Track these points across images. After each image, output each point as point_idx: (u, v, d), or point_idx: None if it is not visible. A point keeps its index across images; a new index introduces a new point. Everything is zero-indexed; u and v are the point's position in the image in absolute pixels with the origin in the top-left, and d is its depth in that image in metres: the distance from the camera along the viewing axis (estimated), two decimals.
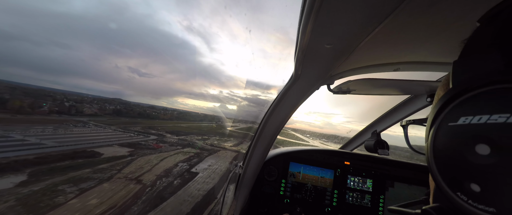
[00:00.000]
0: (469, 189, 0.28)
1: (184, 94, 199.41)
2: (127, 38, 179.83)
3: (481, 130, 0.27)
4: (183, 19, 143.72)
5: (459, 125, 0.30)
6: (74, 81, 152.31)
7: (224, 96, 58.08)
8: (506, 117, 0.25)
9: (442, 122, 0.32)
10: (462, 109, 0.30)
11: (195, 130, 30.97)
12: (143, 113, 34.91)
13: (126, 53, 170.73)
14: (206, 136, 28.13)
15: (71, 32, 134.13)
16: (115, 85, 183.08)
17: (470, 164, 0.28)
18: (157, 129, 26.34)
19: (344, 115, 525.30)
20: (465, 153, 0.29)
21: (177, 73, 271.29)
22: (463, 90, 0.30)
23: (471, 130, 0.28)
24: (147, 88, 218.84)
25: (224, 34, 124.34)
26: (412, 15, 0.51)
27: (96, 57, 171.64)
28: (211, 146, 23.19)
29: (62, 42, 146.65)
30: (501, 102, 0.26)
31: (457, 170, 0.30)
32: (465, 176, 0.29)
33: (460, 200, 0.29)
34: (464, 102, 0.30)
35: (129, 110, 34.56)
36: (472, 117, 0.28)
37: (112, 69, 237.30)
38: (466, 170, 0.29)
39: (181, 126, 33.43)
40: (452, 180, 0.31)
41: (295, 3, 0.54)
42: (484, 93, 0.28)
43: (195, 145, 21.84)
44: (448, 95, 0.32)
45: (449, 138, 0.31)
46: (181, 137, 24.47)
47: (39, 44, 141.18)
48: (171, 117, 40.95)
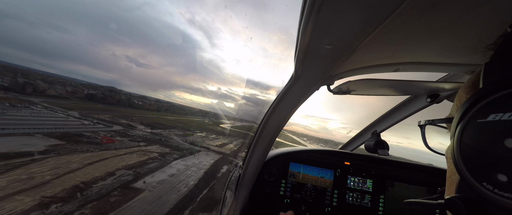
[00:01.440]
0: (495, 179, 0.31)
1: (182, 88, 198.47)
2: (126, 26, 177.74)
3: (511, 125, 0.30)
4: (185, 12, 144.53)
5: (488, 121, 0.33)
6: (69, 67, 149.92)
7: (222, 93, 57.53)
8: None
9: (471, 119, 0.35)
10: (492, 107, 0.33)
11: (180, 124, 25.91)
12: (123, 101, 29.57)
13: (125, 41, 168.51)
14: (189, 132, 23.08)
15: (68, 15, 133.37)
16: (112, 74, 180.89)
17: (498, 156, 0.31)
18: (131, 119, 21.83)
19: (340, 121, 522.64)
20: (493, 146, 0.31)
21: (176, 66, 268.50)
22: (494, 89, 0.33)
23: (501, 126, 0.31)
24: (144, 79, 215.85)
25: (225, 31, 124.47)
26: (412, 15, 0.51)
27: (93, 43, 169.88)
28: (190, 144, 17.77)
29: (59, 25, 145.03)
30: None
31: (485, 162, 0.33)
32: (493, 167, 0.31)
33: (485, 190, 0.32)
34: (494, 100, 0.33)
35: (107, 96, 30.73)
36: (503, 114, 0.31)
37: (109, 57, 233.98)
38: (494, 162, 0.31)
39: (167, 119, 28.41)
40: (478, 172, 0.33)
41: (296, 3, 0.54)
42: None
43: (169, 141, 17.61)
44: (479, 95, 0.35)
45: (478, 133, 0.34)
46: (156, 131, 19.65)
47: (35, 25, 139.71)
48: (158, 108, 36.22)
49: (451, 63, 0.78)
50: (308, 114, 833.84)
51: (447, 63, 0.79)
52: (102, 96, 30.20)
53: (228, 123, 6.07)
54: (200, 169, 11.40)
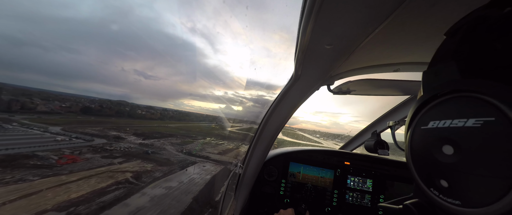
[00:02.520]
0: (439, 185, 0.32)
1: (190, 96, 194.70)
2: (132, 41, 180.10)
3: (446, 132, 0.31)
4: (187, 21, 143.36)
5: (429, 128, 0.34)
6: (84, 86, 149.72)
7: (228, 97, 57.16)
8: (464, 121, 0.29)
9: (416, 125, 0.37)
10: (431, 114, 0.34)
11: (182, 131, 23.67)
12: (124, 111, 28.13)
13: (132, 56, 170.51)
14: (189, 139, 20.45)
15: (78, 37, 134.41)
16: (123, 88, 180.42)
17: (439, 163, 0.32)
18: (124, 130, 19.66)
19: (352, 114, 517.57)
20: (434, 153, 0.32)
21: (183, 75, 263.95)
22: (431, 97, 0.34)
23: (438, 133, 0.32)
24: (153, 91, 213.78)
25: (226, 35, 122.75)
26: (412, 15, 0.51)
27: (103, 61, 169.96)
28: (186, 154, 15.01)
29: (71, 47, 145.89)
30: (460, 108, 0.30)
31: (429, 168, 0.34)
32: (436, 173, 0.33)
33: (433, 195, 0.33)
34: (432, 108, 0.34)
35: (105, 108, 28.85)
36: (439, 121, 0.32)
37: (119, 73, 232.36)
38: (436, 168, 0.32)
39: (168, 127, 26.54)
40: (426, 177, 0.35)
41: (296, 4, 0.54)
42: (447, 100, 0.32)
43: (158, 154, 14.77)
44: (420, 102, 0.36)
45: (422, 139, 0.35)
46: (148, 141, 17.53)
47: (49, 49, 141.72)
48: (161, 117, 33.56)
49: None
50: (317, 111, 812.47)
51: None
52: (99, 108, 28.26)
53: (232, 125, 5.32)
54: (187, 193, 7.19)
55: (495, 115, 0.26)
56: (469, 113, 0.28)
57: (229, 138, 3.35)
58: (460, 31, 0.35)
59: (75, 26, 56.58)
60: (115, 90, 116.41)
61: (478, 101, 0.28)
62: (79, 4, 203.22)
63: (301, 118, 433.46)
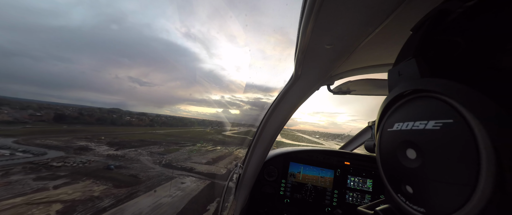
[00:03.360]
0: (406, 191, 0.30)
1: (186, 101, 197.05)
2: (126, 48, 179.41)
3: (408, 135, 0.29)
4: (181, 26, 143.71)
5: (394, 130, 0.32)
6: (78, 95, 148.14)
7: (225, 101, 56.43)
8: (424, 123, 0.27)
9: (384, 127, 0.35)
10: (396, 116, 0.32)
11: (170, 138, 20.92)
12: (106, 118, 25.34)
13: (126, 63, 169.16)
14: (176, 146, 16.76)
15: (70, 45, 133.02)
16: (117, 96, 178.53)
17: (403, 168, 0.30)
18: (97, 140, 16.59)
19: (349, 113, 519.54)
20: (399, 157, 0.31)
21: (178, 81, 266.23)
22: (395, 98, 0.32)
23: (402, 135, 0.30)
24: (149, 98, 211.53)
25: (223, 38, 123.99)
26: (412, 15, 0.51)
27: (96, 69, 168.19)
28: (164, 166, 11.46)
29: (62, 56, 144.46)
30: (420, 110, 0.28)
31: (396, 173, 0.32)
32: (402, 178, 0.31)
33: (401, 202, 0.31)
34: (396, 109, 0.32)
35: (85, 115, 25.37)
36: (402, 123, 0.30)
37: (113, 80, 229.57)
38: (401, 173, 0.31)
39: (155, 134, 23.62)
40: (394, 182, 0.33)
41: (296, 4, 0.54)
42: (408, 101, 0.30)
43: (125, 168, 11.31)
44: (385, 103, 0.34)
45: (388, 142, 0.33)
46: (121, 152, 14.16)
47: (40, 59, 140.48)
48: (151, 123, 30.37)
49: None
50: (315, 111, 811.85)
51: None
52: (77, 115, 25.65)
53: (229, 128, 4.66)
54: None
55: (453, 116, 0.24)
56: (429, 115, 0.27)
57: (223, 143, 3.12)
58: (423, 27, 0.33)
59: (66, 35, 56.33)
60: (109, 98, 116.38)
61: (438, 102, 0.26)
62: (70, 12, 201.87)
63: (299, 119, 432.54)
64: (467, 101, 0.23)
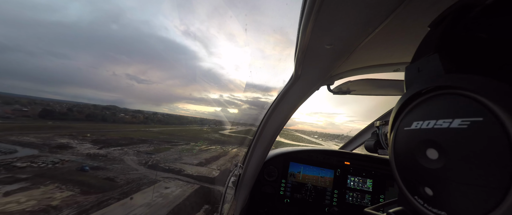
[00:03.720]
0: (424, 193, 0.29)
1: (184, 99, 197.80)
2: (124, 45, 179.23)
3: (430, 134, 0.27)
4: (179, 24, 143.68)
5: (412, 129, 0.30)
6: (74, 92, 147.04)
7: (224, 100, 56.39)
8: (449, 122, 0.25)
9: (399, 126, 0.33)
10: (415, 114, 0.31)
11: (162, 136, 18.57)
12: (97, 115, 22.80)
13: (123, 60, 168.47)
14: (168, 145, 14.86)
15: (66, 41, 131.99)
16: (115, 94, 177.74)
17: (423, 168, 0.28)
18: (82, 137, 13.98)
19: (347, 114, 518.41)
20: (418, 157, 0.29)
21: (177, 79, 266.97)
22: (414, 95, 0.31)
23: (422, 135, 0.29)
24: (147, 95, 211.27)
25: (223, 37, 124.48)
26: (412, 15, 0.51)
27: (93, 65, 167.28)
28: (149, 167, 10.25)
29: (58, 52, 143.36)
30: (444, 107, 0.27)
31: (413, 174, 0.30)
32: (420, 180, 0.29)
33: (417, 204, 0.30)
34: (415, 107, 0.31)
35: (75, 112, 22.36)
36: (422, 122, 0.29)
37: (110, 77, 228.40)
38: (420, 174, 0.29)
39: (148, 131, 20.77)
40: (410, 184, 0.31)
41: (296, 4, 0.54)
42: (430, 98, 0.29)
43: (104, 169, 10.55)
44: (402, 101, 0.33)
45: (405, 142, 0.32)
46: (105, 151, 12.67)
47: (35, 54, 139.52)
48: (145, 121, 28.55)
49: None
50: (313, 111, 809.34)
51: None
52: (65, 112, 22.19)
53: (227, 127, 4.42)
54: None
55: (483, 114, 0.22)
56: (454, 113, 0.25)
57: (219, 142, 2.87)
58: (444, 22, 0.32)
59: (62, 30, 56.08)
60: (107, 95, 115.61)
61: (465, 99, 0.24)
62: (67, 7, 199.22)
63: (298, 119, 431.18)
64: (499, 98, 0.21)
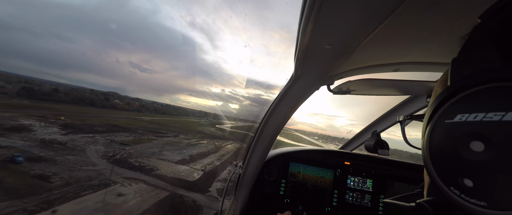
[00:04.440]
0: (462, 184, 0.29)
1: (186, 91, 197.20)
2: (128, 32, 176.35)
3: (477, 127, 0.28)
4: (186, 14, 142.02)
5: (455, 122, 0.30)
6: (77, 76, 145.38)
7: (225, 95, 56.06)
8: (501, 115, 0.25)
9: (439, 118, 0.33)
10: (459, 107, 0.31)
11: (152, 125, 15.84)
12: (83, 98, 19.63)
13: (127, 47, 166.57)
14: (154, 137, 11.34)
15: (71, 24, 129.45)
16: (117, 80, 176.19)
17: (464, 160, 0.29)
18: (55, 119, 11.00)
19: (348, 117, 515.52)
20: (460, 149, 0.29)
21: (180, 70, 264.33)
22: (461, 88, 0.31)
23: (467, 127, 0.29)
24: (149, 84, 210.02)
25: (226, 32, 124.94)
26: (412, 15, 0.51)
27: (97, 50, 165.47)
28: (116, 162, 7.93)
29: (63, 35, 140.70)
30: (497, 100, 0.26)
31: (451, 165, 0.31)
32: (459, 171, 0.30)
33: (453, 194, 0.30)
34: (461, 100, 0.31)
35: (61, 93, 23.04)
36: (469, 115, 0.29)
37: (113, 64, 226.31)
38: (460, 166, 0.30)
39: (139, 120, 17.75)
40: (446, 175, 0.32)
41: (296, 3, 0.54)
42: (481, 91, 0.29)
43: (38, 164, 7.97)
44: (446, 93, 0.33)
45: (445, 134, 0.32)
46: (72, 136, 9.47)
47: (40, 36, 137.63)
48: (139, 109, 26.80)
49: None
50: (314, 112, 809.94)
51: (447, 63, 0.78)
52: (49, 92, 23.23)
53: (225, 122, 4.02)
54: None
55: None
56: (509, 105, 0.25)
57: (212, 137, 2.57)
58: (502, 12, 0.31)
59: (67, 13, 55.15)
60: (109, 82, 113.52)
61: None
62: None
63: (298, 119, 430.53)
64: None
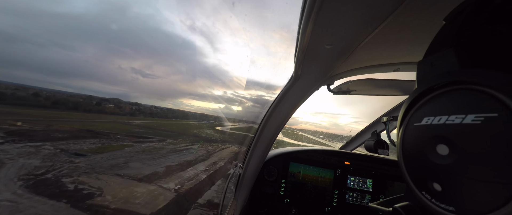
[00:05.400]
0: (432, 188, 0.29)
1: (188, 95, 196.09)
2: (129, 38, 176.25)
3: (441, 130, 0.28)
4: (186, 18, 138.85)
5: (422, 125, 0.31)
6: (81, 84, 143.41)
7: (227, 97, 55.09)
8: (461, 117, 0.25)
9: (409, 121, 0.33)
10: (425, 110, 0.31)
11: (140, 130, 15.72)
12: (65, 101, 19.64)
13: (128, 53, 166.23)
14: (129, 142, 11.54)
15: (73, 33, 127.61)
16: (120, 87, 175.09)
17: (432, 164, 0.29)
18: (10, 124, 10.88)
19: (352, 115, 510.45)
20: (427, 153, 0.29)
21: (181, 75, 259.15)
22: (426, 91, 0.31)
23: (433, 130, 0.29)
24: (151, 90, 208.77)
25: (226, 34, 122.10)
26: (412, 15, 0.51)
27: (99, 58, 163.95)
28: (33, 184, 3.71)
29: (65, 44, 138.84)
30: (457, 103, 0.27)
31: (422, 169, 0.31)
32: (429, 175, 0.30)
33: (425, 199, 0.30)
34: (426, 103, 0.31)
35: (41, 97, 18.99)
36: (434, 117, 0.29)
37: (116, 70, 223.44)
38: (429, 169, 0.30)
39: (130, 124, 18.28)
40: (418, 179, 0.32)
41: (296, 3, 0.54)
42: (442, 94, 0.29)
43: None
44: (413, 96, 0.33)
45: (415, 137, 0.32)
46: (15, 145, 7.54)
47: (43, 45, 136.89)
48: (132, 113, 25.36)
49: None
50: (317, 111, 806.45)
51: None
52: (24, 96, 21.54)
53: (225, 124, 3.95)
54: None
55: (498, 110, 0.22)
56: (468, 108, 0.25)
57: (208, 140, 2.39)
58: (461, 15, 0.32)
59: (69, 22, 54.54)
60: (112, 89, 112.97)
61: (479, 94, 0.24)
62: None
63: (301, 119, 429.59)
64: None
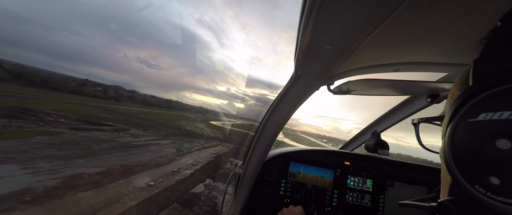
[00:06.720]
0: (488, 182, 0.30)
1: (192, 89, 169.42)
2: (136, 28, 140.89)
3: (503, 125, 0.29)
4: (194, 11, 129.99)
5: (479, 120, 0.31)
6: (87, 70, 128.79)
7: (230, 94, 54.15)
8: None
9: (461, 118, 0.34)
10: (482, 106, 0.31)
11: (104, 115, 9.99)
12: (49, 80, 18.42)
13: (135, 43, 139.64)
14: (109, 134, 3.25)
15: (80, 18, 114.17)
16: (125, 76, 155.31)
17: (490, 158, 0.29)
18: None
19: (355, 121, 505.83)
20: (485, 147, 0.30)
21: (186, 68, 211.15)
22: (484, 87, 0.32)
23: (492, 126, 0.30)
24: (155, 80, 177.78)
25: (232, 31, 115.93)
26: (412, 15, 0.51)
27: (105, 45, 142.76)
28: None
29: (73, 28, 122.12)
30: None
31: (476, 164, 0.31)
32: (484, 169, 0.30)
33: (478, 193, 0.31)
34: (484, 99, 0.32)
35: (24, 74, 19.47)
36: (493, 113, 0.30)
37: (121, 59, 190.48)
38: (485, 164, 0.30)
39: (101, 108, 15.14)
40: (470, 174, 0.32)
41: (296, 3, 0.54)
42: (505, 90, 0.30)
43: None
44: (468, 93, 0.33)
45: (469, 133, 0.33)
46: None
47: (52, 29, 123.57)
48: (115, 96, 23.65)
49: (451, 63, 0.78)
50: (319, 115, 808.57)
51: (447, 63, 0.78)
52: None
53: (224, 121, 3.95)
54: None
55: None
56: None
57: (192, 136, 2.38)
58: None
59: (78, 7, 53.51)
60: (118, 77, 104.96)
61: None
62: None
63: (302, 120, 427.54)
64: None
